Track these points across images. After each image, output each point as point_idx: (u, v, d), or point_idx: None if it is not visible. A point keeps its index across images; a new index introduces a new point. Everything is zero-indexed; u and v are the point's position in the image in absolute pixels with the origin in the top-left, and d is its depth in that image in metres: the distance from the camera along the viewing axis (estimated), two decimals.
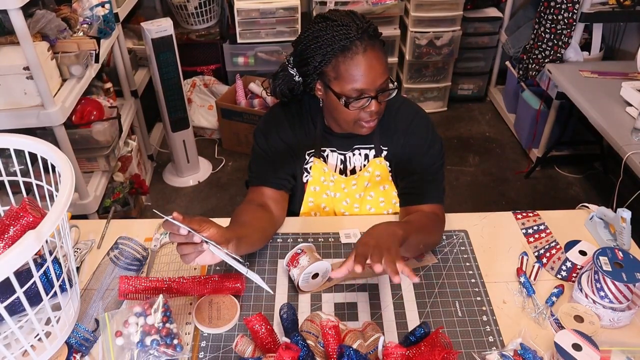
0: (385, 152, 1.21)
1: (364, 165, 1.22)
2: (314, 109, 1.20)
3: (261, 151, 1.21)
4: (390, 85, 1.08)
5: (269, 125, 1.22)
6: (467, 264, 1.13)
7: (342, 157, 1.23)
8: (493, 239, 1.20)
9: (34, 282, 0.76)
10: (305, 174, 1.24)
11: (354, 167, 1.23)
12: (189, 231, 0.84)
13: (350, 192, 1.25)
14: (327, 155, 1.23)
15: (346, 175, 1.24)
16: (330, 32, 1.02)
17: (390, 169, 1.22)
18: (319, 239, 1.19)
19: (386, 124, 1.20)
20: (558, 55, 2.52)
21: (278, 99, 1.21)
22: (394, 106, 1.20)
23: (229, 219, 1.26)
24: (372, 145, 1.21)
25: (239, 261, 0.89)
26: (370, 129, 1.12)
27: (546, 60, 2.56)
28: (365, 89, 1.03)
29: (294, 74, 1.13)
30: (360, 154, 1.22)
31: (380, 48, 1.05)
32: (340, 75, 1.03)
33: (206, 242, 0.86)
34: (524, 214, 1.27)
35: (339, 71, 1.03)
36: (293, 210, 1.28)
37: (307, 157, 1.23)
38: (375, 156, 1.21)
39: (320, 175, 1.22)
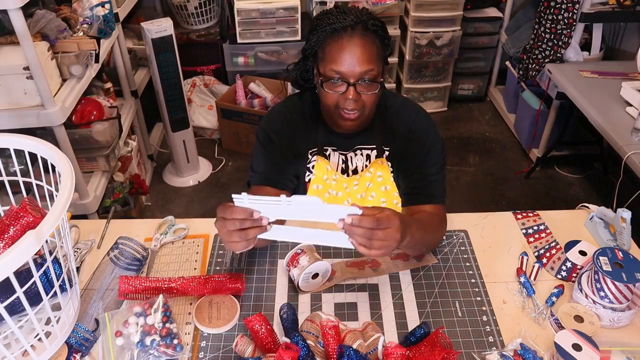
0: (387, 153, 1.21)
1: (366, 166, 1.23)
2: (316, 107, 1.21)
3: (264, 151, 1.21)
4: (381, 81, 1.07)
5: (272, 125, 1.22)
6: (467, 264, 1.13)
7: (344, 157, 1.23)
8: (493, 239, 1.20)
9: (34, 282, 0.77)
10: (308, 173, 1.24)
11: (356, 167, 1.23)
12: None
13: (352, 192, 1.25)
14: (329, 155, 1.23)
15: (348, 176, 1.24)
16: (329, 17, 1.05)
17: (392, 169, 1.22)
18: None
19: (388, 124, 1.20)
20: (558, 55, 2.52)
21: (296, 88, 1.24)
22: (395, 106, 1.20)
23: None
24: (374, 146, 1.21)
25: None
26: (351, 122, 1.11)
27: (546, 60, 2.56)
28: (344, 73, 1.04)
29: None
30: (362, 154, 1.22)
31: (372, 41, 1.04)
32: (325, 56, 1.06)
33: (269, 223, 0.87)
34: (524, 214, 1.27)
35: (324, 52, 1.06)
36: None
37: (310, 157, 1.23)
38: (377, 156, 1.21)
39: (324, 173, 1.22)
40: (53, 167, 0.87)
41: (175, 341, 0.91)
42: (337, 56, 1.03)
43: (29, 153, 0.90)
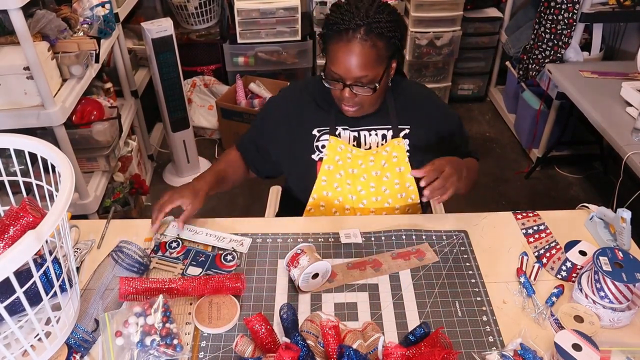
0: (406, 131, 1.25)
1: (382, 145, 1.25)
2: (328, 89, 1.22)
3: (257, 126, 1.32)
4: (375, 85, 1.12)
5: (276, 102, 1.32)
6: (467, 264, 1.13)
7: (355, 134, 1.24)
8: (493, 239, 1.20)
9: (34, 282, 0.77)
10: (318, 152, 1.24)
11: (370, 146, 1.25)
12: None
13: (368, 168, 1.25)
14: (339, 134, 1.25)
15: None
16: (340, 12, 1.09)
17: (408, 147, 1.24)
18: (319, 239, 1.19)
19: (401, 105, 1.24)
20: (558, 55, 2.52)
21: None
22: (406, 88, 1.27)
23: (229, 219, 1.27)
24: (390, 126, 1.24)
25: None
26: (352, 112, 1.18)
27: (546, 61, 2.55)
28: (340, 75, 1.10)
29: None
30: (377, 134, 1.24)
31: (373, 45, 1.08)
32: (329, 54, 1.12)
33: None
34: (524, 214, 1.27)
35: (328, 51, 1.12)
36: (302, 189, 1.30)
37: (316, 134, 1.24)
38: (393, 136, 1.23)
39: (335, 154, 1.23)
40: (53, 167, 0.87)
41: (175, 341, 0.91)
42: (335, 58, 1.09)
43: (29, 153, 0.90)
